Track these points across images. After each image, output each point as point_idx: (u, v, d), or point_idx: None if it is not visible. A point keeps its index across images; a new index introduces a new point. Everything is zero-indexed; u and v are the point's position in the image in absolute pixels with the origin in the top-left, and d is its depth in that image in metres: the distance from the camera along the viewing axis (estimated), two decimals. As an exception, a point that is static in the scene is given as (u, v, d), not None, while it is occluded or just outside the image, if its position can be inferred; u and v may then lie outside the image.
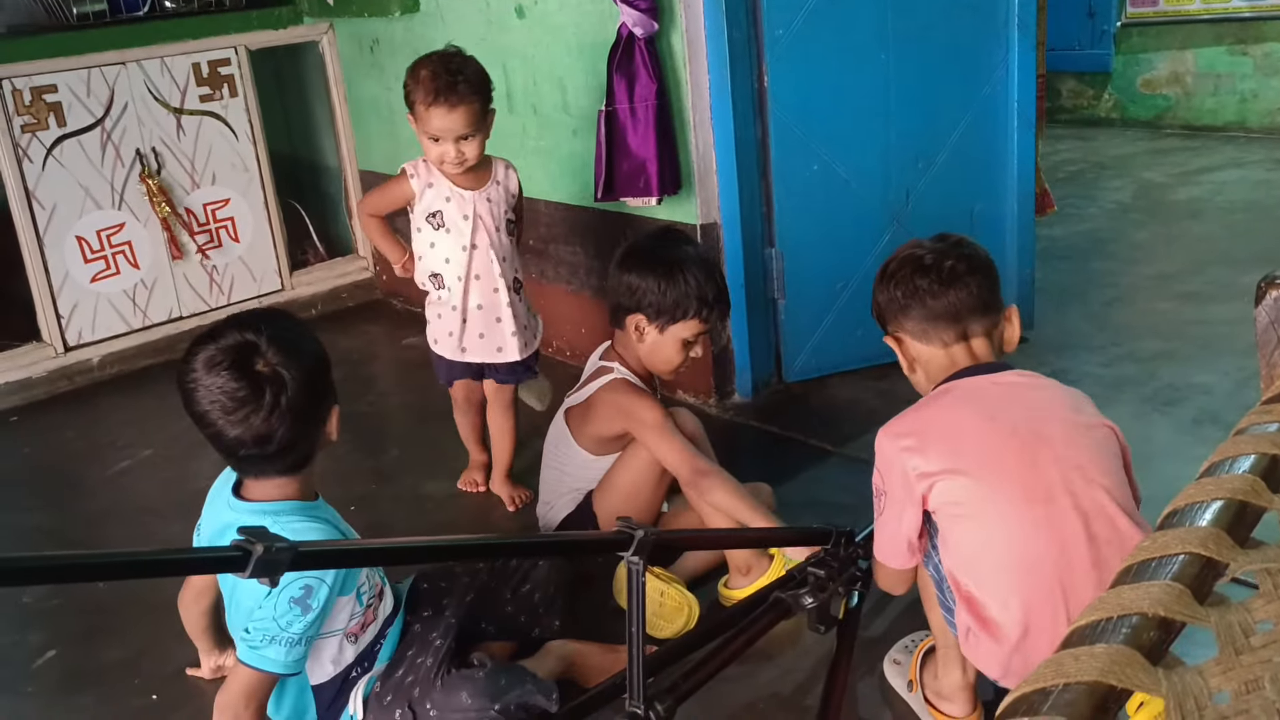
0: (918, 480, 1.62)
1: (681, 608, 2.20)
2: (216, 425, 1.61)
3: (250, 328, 1.61)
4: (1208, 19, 6.00)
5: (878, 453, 1.70)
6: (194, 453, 3.33)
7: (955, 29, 3.05)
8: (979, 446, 1.61)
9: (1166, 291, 3.77)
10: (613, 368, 2.38)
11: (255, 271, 4.26)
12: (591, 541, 2.05)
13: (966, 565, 1.62)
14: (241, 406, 1.59)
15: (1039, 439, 1.61)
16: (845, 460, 2.85)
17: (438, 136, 2.52)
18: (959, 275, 1.72)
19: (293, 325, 1.72)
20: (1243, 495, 1.06)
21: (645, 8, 2.86)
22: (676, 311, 2.28)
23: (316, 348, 1.72)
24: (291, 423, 1.62)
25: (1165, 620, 0.91)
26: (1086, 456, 1.61)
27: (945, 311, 1.73)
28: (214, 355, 1.59)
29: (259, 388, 1.59)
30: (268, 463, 1.68)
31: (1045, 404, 1.68)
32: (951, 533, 1.63)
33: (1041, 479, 1.58)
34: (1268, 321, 1.33)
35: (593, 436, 2.39)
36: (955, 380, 1.72)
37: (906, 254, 1.78)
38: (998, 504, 1.58)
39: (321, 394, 1.69)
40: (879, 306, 1.82)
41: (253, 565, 0.98)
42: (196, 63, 4.00)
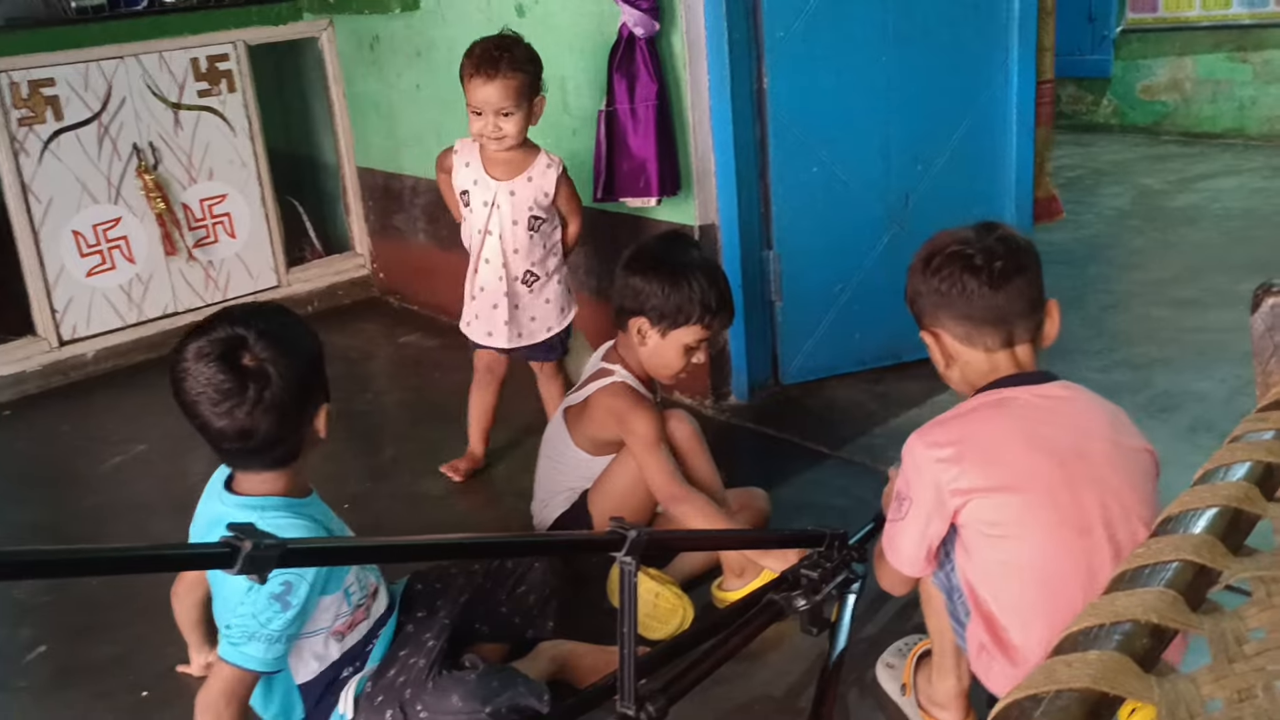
0: (952, 495, 1.56)
1: (676, 610, 2.19)
2: (202, 416, 1.63)
3: (241, 322, 1.63)
4: (1207, 26, 6.01)
5: (907, 457, 1.64)
6: (188, 449, 3.32)
7: (956, 32, 3.05)
8: (1018, 466, 1.55)
9: (1163, 298, 3.77)
10: (614, 370, 2.37)
11: (252, 268, 4.25)
12: (584, 541, 2.05)
13: (991, 584, 1.58)
14: (226, 399, 1.60)
15: (1081, 462, 1.56)
16: (841, 463, 2.84)
17: (479, 110, 2.64)
18: (1009, 276, 1.64)
19: (286, 321, 1.72)
20: (1237, 502, 1.06)
21: (646, 8, 2.86)
22: (679, 316, 2.28)
23: (309, 344, 1.72)
24: (276, 419, 1.63)
25: (1158, 627, 0.91)
26: (1126, 484, 1.56)
27: (993, 315, 1.64)
28: (203, 347, 1.61)
29: (243, 382, 1.60)
30: (252, 456, 1.69)
31: (1088, 424, 1.62)
32: (979, 550, 1.58)
33: (1079, 506, 1.53)
34: (1264, 329, 1.33)
35: (589, 437, 2.39)
36: (996, 390, 1.65)
37: (953, 248, 1.67)
38: (1032, 528, 1.53)
39: (309, 391, 1.70)
40: (919, 297, 1.71)
41: (241, 561, 0.98)
42: (195, 58, 4.00)
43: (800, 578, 1.86)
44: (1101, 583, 1.51)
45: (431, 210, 4.14)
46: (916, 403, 3.01)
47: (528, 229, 2.73)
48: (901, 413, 3.01)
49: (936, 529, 1.61)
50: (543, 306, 2.82)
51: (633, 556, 1.50)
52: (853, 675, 2.01)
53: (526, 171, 2.72)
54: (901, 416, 3.00)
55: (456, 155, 2.78)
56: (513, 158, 2.72)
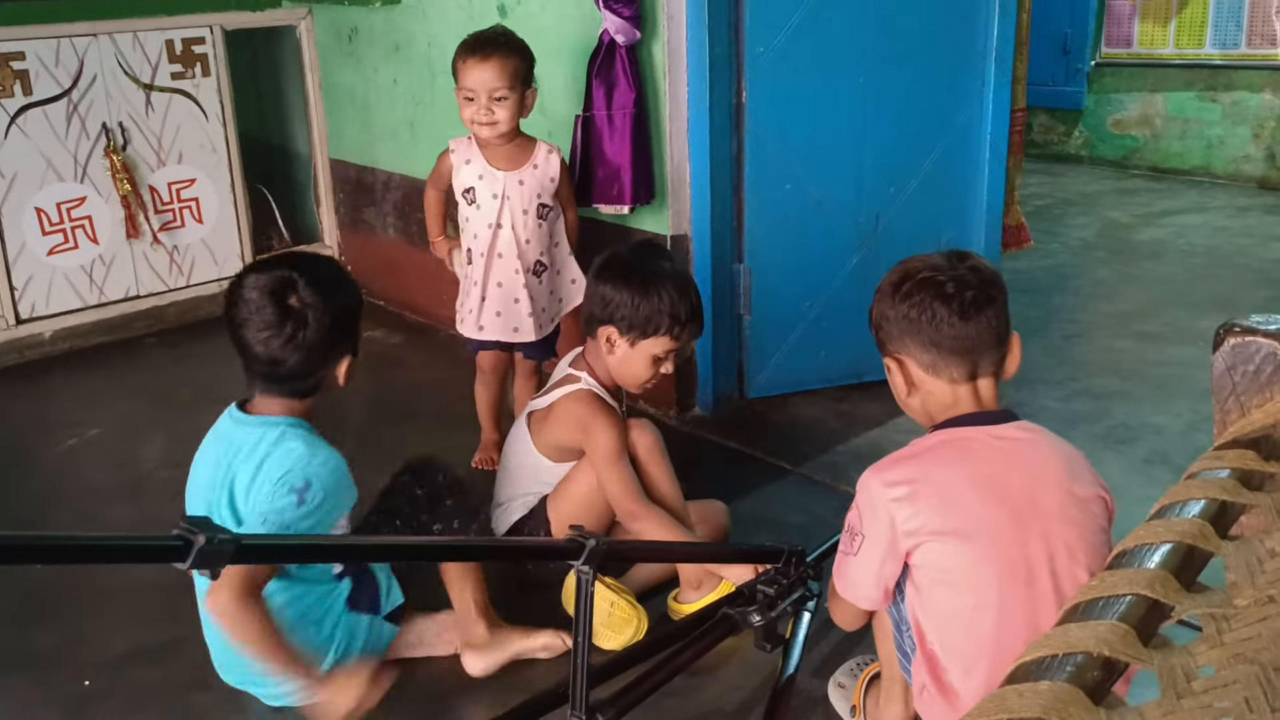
0: (905, 536, 1.55)
1: (630, 619, 2.19)
2: (244, 338, 1.88)
3: (297, 266, 1.89)
4: (1180, 64, 6.11)
5: (862, 492, 1.61)
6: (142, 434, 3.28)
7: (934, 59, 3.07)
8: (971, 513, 1.54)
9: (1125, 330, 3.82)
10: (580, 377, 2.36)
11: (217, 254, 4.21)
12: (543, 549, 2.04)
13: (937, 626, 1.58)
14: (265, 330, 1.85)
15: (1032, 512, 1.55)
16: (802, 480, 2.85)
17: (472, 93, 2.66)
18: (980, 307, 1.61)
19: (337, 275, 1.99)
20: (1191, 539, 1.07)
21: (629, 15, 2.86)
22: (648, 327, 2.27)
23: (350, 300, 1.97)
24: (304, 357, 1.88)
25: (1110, 660, 0.92)
26: (1076, 535, 1.56)
27: (960, 346, 1.62)
28: (261, 279, 1.87)
29: (284, 319, 1.85)
30: (276, 382, 1.92)
31: (1043, 471, 1.60)
32: (927, 591, 1.57)
33: (1027, 558, 1.53)
34: (1224, 368, 1.35)
35: (552, 443, 2.38)
36: (955, 429, 1.63)
37: (924, 274, 1.65)
38: (980, 576, 1.53)
39: (338, 341, 1.93)
40: (885, 322, 1.68)
41: (193, 556, 0.96)
42: (170, 39, 3.95)
43: (756, 593, 1.86)
44: (1045, 631, 1.51)
45: (403, 206, 4.12)
46: (879, 423, 3.03)
47: (537, 217, 2.78)
48: (863, 432, 3.03)
49: (891, 568, 1.59)
50: (547, 298, 2.85)
51: (590, 565, 1.49)
52: (805, 693, 2.01)
53: (531, 160, 2.77)
54: (863, 436, 3.01)
55: (454, 155, 2.78)
56: (513, 149, 2.76)
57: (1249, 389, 1.33)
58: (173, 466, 3.09)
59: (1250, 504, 1.17)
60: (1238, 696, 0.89)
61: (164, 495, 2.92)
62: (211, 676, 2.08)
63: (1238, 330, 1.34)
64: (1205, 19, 5.97)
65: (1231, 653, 0.95)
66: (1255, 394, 1.33)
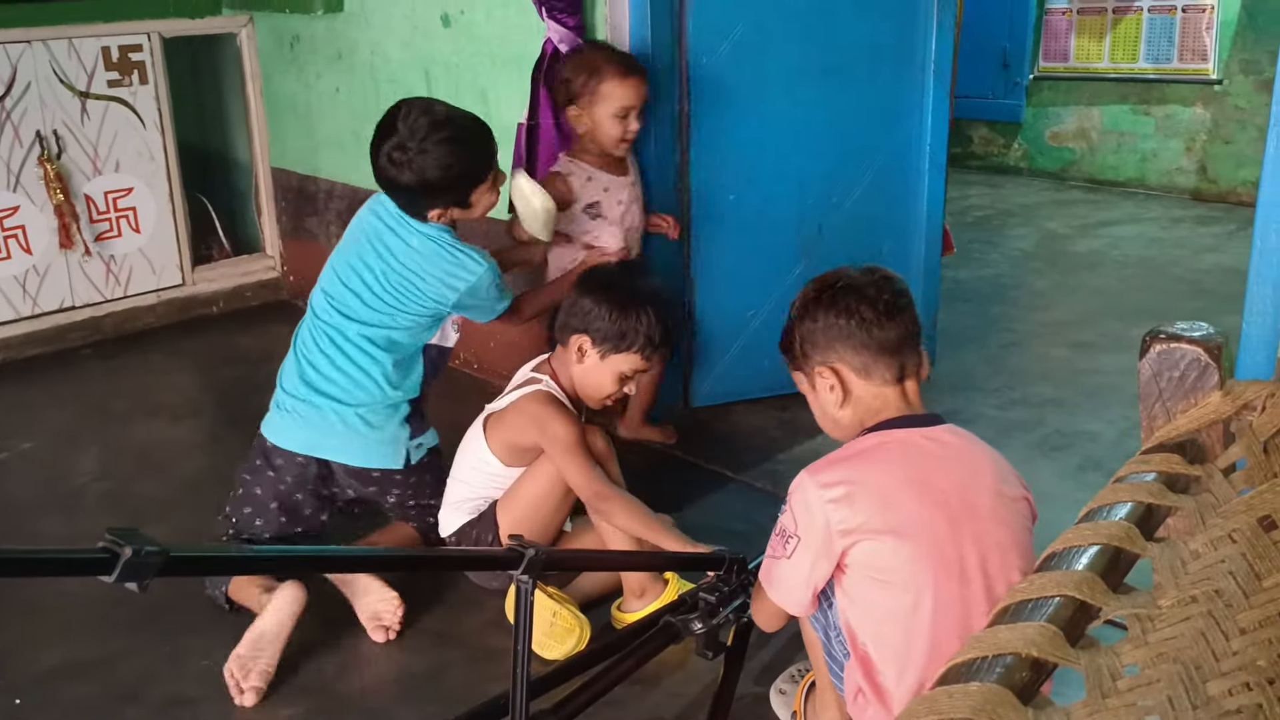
0: (841, 536, 1.55)
1: (573, 629, 2.18)
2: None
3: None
4: (1114, 78, 6.24)
5: (796, 494, 1.61)
6: (76, 447, 3.22)
7: (874, 72, 3.11)
8: (908, 513, 1.55)
9: (1061, 339, 3.89)
10: (542, 379, 2.37)
11: (155, 264, 4.14)
12: (482, 558, 2.02)
13: (872, 628, 1.58)
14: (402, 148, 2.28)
15: (967, 513, 1.57)
16: (744, 488, 2.87)
17: (628, 110, 2.74)
18: (900, 309, 1.67)
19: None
20: (1118, 541, 1.09)
21: (572, 25, 2.87)
22: (621, 342, 2.29)
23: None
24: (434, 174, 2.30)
25: (1038, 661, 0.93)
26: (1008, 536, 1.59)
27: (889, 346, 1.65)
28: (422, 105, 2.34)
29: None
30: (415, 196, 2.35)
31: (975, 473, 1.64)
32: (862, 593, 1.58)
33: (961, 558, 1.55)
34: (1150, 375, 1.38)
35: (506, 443, 2.37)
36: (886, 430, 1.65)
37: (842, 282, 1.68)
38: (916, 575, 1.54)
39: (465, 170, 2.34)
40: (810, 334, 1.69)
41: (120, 569, 0.94)
42: (106, 46, 3.89)
43: (698, 601, 1.86)
44: (978, 631, 1.53)
45: (346, 216, 4.07)
46: (819, 431, 3.02)
47: (641, 216, 2.94)
48: (805, 440, 3.05)
49: (823, 570, 1.59)
50: None
51: (530, 575, 1.48)
52: (746, 699, 2.01)
53: (629, 163, 2.90)
54: (805, 444, 3.04)
55: (572, 178, 2.82)
56: (621, 157, 2.86)
57: (1174, 395, 1.37)
58: (106, 479, 3.04)
59: (1175, 507, 1.19)
60: (1161, 695, 0.91)
61: (97, 508, 2.87)
62: (144, 690, 2.04)
63: (1163, 337, 1.37)
64: (1139, 34, 6.10)
65: (1155, 652, 0.97)
66: (1180, 399, 1.36)
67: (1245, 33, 5.73)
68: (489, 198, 2.42)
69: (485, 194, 2.40)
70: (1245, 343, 1.68)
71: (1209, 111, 5.94)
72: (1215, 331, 1.37)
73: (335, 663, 2.19)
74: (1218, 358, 1.33)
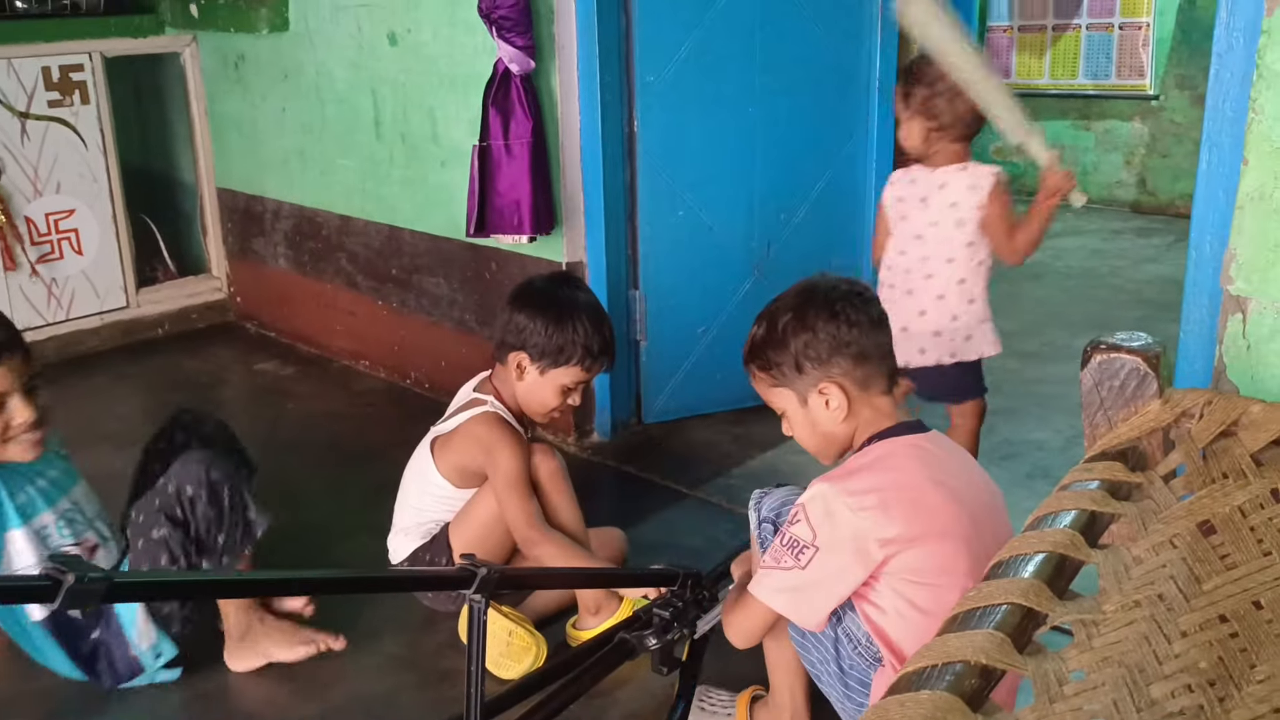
0: (880, 546, 1.52)
1: (529, 648, 2.17)
2: None
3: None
4: (1055, 94, 6.36)
5: (815, 504, 1.55)
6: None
7: (820, 89, 3.15)
8: (939, 514, 1.54)
9: (1008, 349, 3.89)
10: (486, 400, 2.35)
11: (99, 286, 4.07)
12: (434, 578, 2.01)
13: (910, 632, 1.55)
14: None
15: (983, 510, 1.58)
16: (698, 503, 2.87)
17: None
18: (884, 316, 1.66)
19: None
20: (1063, 549, 1.11)
21: (522, 45, 2.87)
22: (560, 356, 2.28)
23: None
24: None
25: (987, 668, 0.94)
26: (1006, 530, 1.61)
27: (882, 353, 1.63)
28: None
29: None
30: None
31: (972, 473, 1.65)
32: (900, 598, 1.55)
33: (987, 553, 1.53)
34: (1092, 384, 1.41)
35: (455, 466, 2.36)
36: (890, 439, 1.62)
37: (828, 292, 1.63)
38: (953, 575, 1.53)
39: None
40: (809, 346, 1.61)
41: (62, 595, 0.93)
42: (47, 66, 3.83)
43: (653, 616, 1.86)
44: None
45: (293, 236, 4.05)
46: (772, 445, 3.06)
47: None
48: (758, 454, 3.07)
49: (854, 579, 1.55)
50: None
51: (482, 594, 1.48)
52: (702, 715, 2.01)
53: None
54: (758, 458, 3.05)
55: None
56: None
57: (1115, 403, 1.39)
58: (51, 507, 2.98)
59: (1118, 513, 1.22)
60: (1106, 699, 0.93)
61: (41, 537, 2.80)
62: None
63: (1103, 347, 1.40)
64: (1078, 51, 6.23)
65: (1100, 656, 0.99)
66: (1121, 408, 1.39)
67: (1180, 49, 5.87)
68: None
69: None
70: (1183, 351, 1.71)
71: (1147, 126, 6.08)
72: (1154, 341, 1.40)
73: (290, 688, 2.16)
74: (1156, 367, 1.36)
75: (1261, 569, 1.08)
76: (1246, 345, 1.61)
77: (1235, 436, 1.30)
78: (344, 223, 3.79)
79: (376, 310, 3.77)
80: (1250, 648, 0.99)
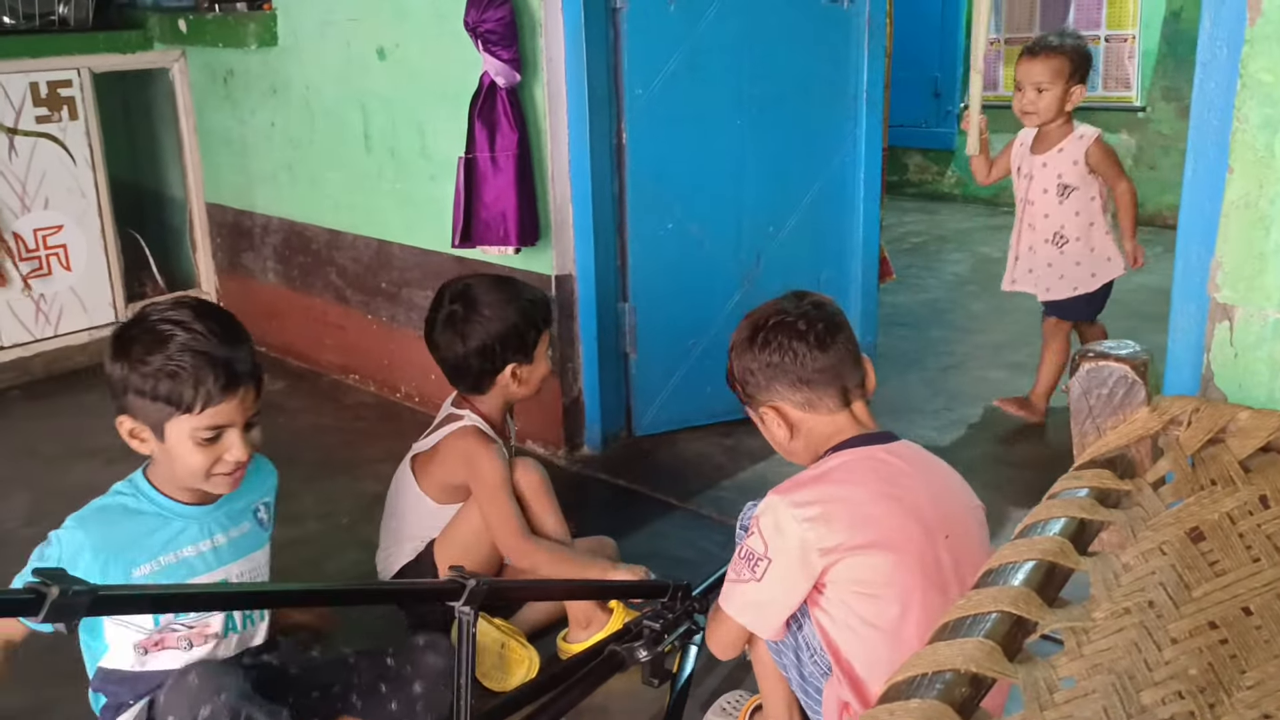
0: (820, 555, 1.54)
1: (522, 660, 2.16)
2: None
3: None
4: (1042, 107, 6.38)
5: (766, 516, 1.59)
6: (3, 492, 3.13)
7: (808, 101, 3.16)
8: (886, 525, 1.56)
9: (998, 360, 3.95)
10: (464, 415, 2.35)
11: (87, 302, 4.06)
12: (422, 591, 2.00)
13: (856, 643, 1.57)
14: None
15: (940, 522, 1.58)
16: (689, 515, 2.87)
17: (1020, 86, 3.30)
18: (833, 335, 1.67)
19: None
20: (1052, 556, 1.11)
21: (508, 58, 2.87)
22: (529, 338, 2.32)
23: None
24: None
25: (977, 676, 0.94)
26: (976, 543, 1.61)
27: (828, 376, 1.66)
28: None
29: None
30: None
31: (939, 484, 1.66)
32: (845, 608, 1.57)
33: (940, 566, 1.56)
34: (1080, 393, 1.41)
35: (438, 482, 2.35)
36: (847, 449, 1.65)
37: (773, 319, 1.69)
38: (900, 586, 1.54)
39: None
40: (748, 375, 1.70)
41: (46, 609, 0.92)
42: (35, 82, 3.82)
43: (643, 629, 1.86)
44: None
45: (283, 250, 4.04)
46: (763, 457, 3.06)
47: (1057, 195, 3.25)
48: (749, 466, 3.06)
49: (801, 590, 1.58)
50: (1072, 267, 3.30)
51: (471, 606, 1.47)
52: (694, 727, 2.01)
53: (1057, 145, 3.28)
54: (749, 470, 3.05)
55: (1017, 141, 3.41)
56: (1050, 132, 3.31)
57: (1104, 411, 1.39)
58: (36, 523, 2.96)
59: (1107, 521, 1.22)
60: (1096, 706, 0.93)
61: (25, 553, 2.78)
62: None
63: (1091, 356, 1.41)
64: (1064, 64, 6.27)
65: (1090, 664, 0.99)
66: (1110, 416, 1.39)
67: (1166, 61, 5.90)
68: None
69: None
70: (1171, 359, 1.72)
71: (1134, 138, 6.10)
72: (1141, 349, 1.40)
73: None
74: (1144, 375, 1.37)
75: (1251, 575, 1.08)
76: (1234, 353, 1.61)
77: (1223, 443, 1.30)
78: (333, 237, 3.79)
79: (366, 324, 3.77)
80: (1240, 654, 0.98)
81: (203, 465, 1.67)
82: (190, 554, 1.75)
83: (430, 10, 3.18)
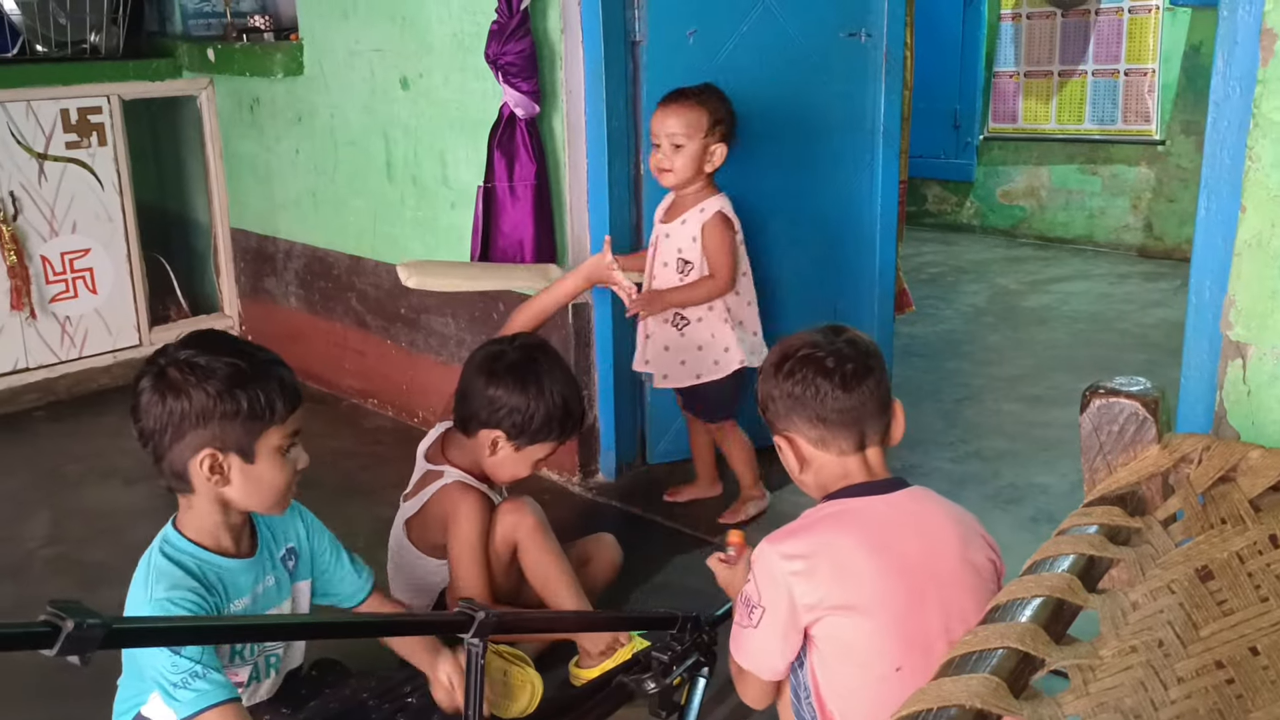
0: (805, 610, 1.55)
1: (525, 686, 2.15)
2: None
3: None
4: (1062, 139, 6.40)
5: (760, 563, 1.59)
6: (26, 511, 3.17)
7: (825, 134, 3.18)
8: (869, 587, 1.54)
9: (1014, 393, 3.94)
10: (443, 471, 2.33)
11: (112, 325, 4.11)
12: (432, 623, 2.00)
13: (839, 700, 1.57)
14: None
15: (931, 579, 1.57)
16: (701, 544, 2.87)
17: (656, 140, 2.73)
18: (861, 378, 1.64)
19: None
20: (1060, 593, 1.11)
21: (528, 90, 2.91)
22: (538, 434, 2.26)
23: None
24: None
25: (983, 713, 0.95)
26: (971, 603, 1.57)
27: (846, 417, 1.64)
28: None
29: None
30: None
31: (938, 539, 1.63)
32: (830, 664, 1.57)
33: (925, 629, 1.55)
34: (1091, 428, 1.42)
35: (431, 543, 2.36)
36: (847, 499, 1.64)
37: (804, 351, 1.67)
38: (882, 650, 1.54)
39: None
40: (769, 401, 1.69)
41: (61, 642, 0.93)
42: (65, 109, 3.89)
43: (651, 660, 1.86)
44: None
45: (304, 275, 4.09)
46: (777, 487, 3.06)
47: (677, 272, 2.77)
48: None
49: (795, 642, 1.58)
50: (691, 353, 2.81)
51: (480, 638, 1.48)
52: (704, 759, 2.00)
53: (682, 216, 2.76)
54: (763, 500, 3.05)
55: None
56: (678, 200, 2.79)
57: (1114, 448, 1.40)
58: (57, 544, 3.00)
59: (1116, 558, 1.22)
60: (1101, 744, 0.93)
61: (47, 574, 2.82)
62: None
63: (1102, 392, 1.41)
64: (1084, 96, 6.27)
65: (1096, 702, 0.99)
66: (1120, 452, 1.40)
67: (1185, 95, 5.91)
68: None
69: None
70: (1184, 396, 1.72)
71: (1153, 171, 6.10)
72: (1152, 386, 1.41)
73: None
74: (1155, 411, 1.37)
75: (1259, 615, 1.08)
76: (1247, 390, 1.61)
77: (1234, 482, 1.31)
78: (354, 263, 3.83)
79: (386, 349, 3.80)
80: (1246, 694, 0.99)
81: (289, 479, 1.71)
82: (249, 602, 1.77)
83: (453, 42, 3.23)
